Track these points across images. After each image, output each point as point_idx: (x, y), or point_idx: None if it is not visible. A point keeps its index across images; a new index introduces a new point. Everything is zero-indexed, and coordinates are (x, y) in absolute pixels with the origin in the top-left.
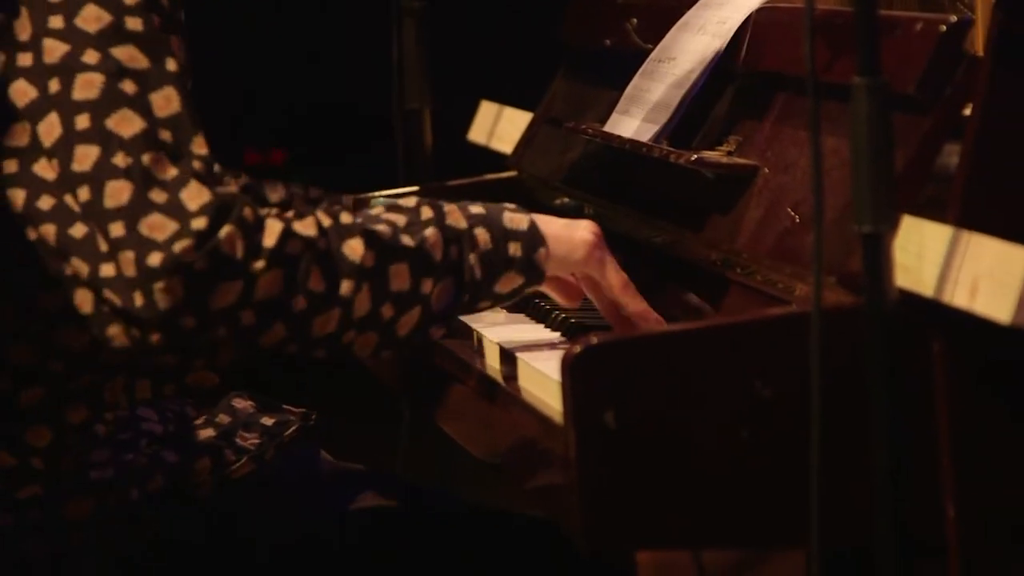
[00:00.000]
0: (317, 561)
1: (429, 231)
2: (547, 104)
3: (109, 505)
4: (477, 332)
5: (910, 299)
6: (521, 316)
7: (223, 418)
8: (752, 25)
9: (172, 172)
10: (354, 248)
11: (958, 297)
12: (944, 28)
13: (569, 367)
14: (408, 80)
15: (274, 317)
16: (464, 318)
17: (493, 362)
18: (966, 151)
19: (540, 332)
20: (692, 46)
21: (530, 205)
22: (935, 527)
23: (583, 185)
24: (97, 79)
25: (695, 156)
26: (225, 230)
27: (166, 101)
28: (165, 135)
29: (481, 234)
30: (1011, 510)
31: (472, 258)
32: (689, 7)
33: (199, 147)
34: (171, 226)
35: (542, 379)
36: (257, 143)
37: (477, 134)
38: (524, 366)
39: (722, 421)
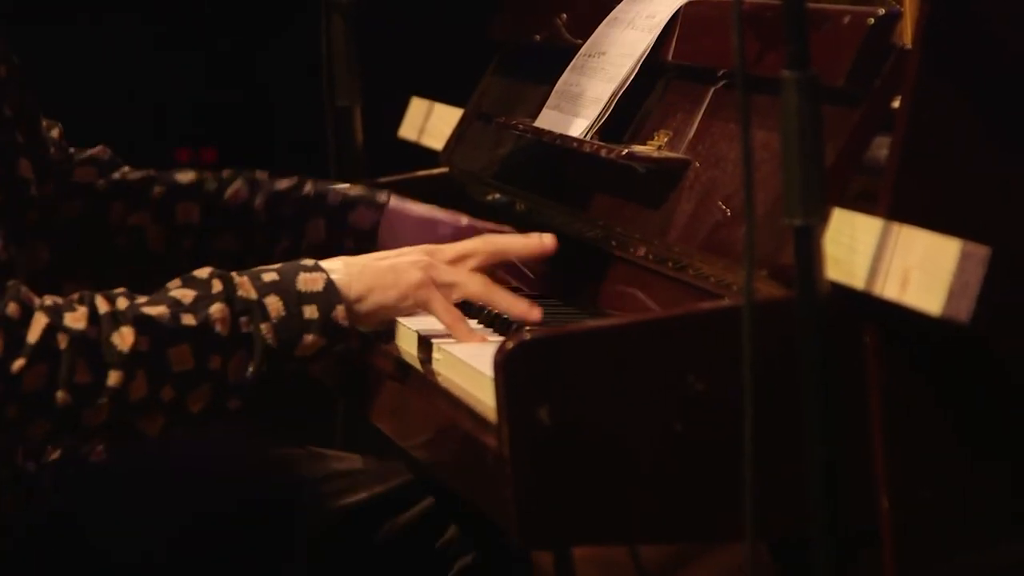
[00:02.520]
0: (199, 519)
1: (215, 307)
2: (478, 100)
3: (3, 477)
4: (407, 328)
5: (841, 291)
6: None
7: None
8: (681, 19)
9: None
10: (124, 336)
11: (889, 289)
12: (872, 20)
13: (502, 363)
14: (338, 77)
15: (38, 412)
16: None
17: (429, 359)
18: (896, 143)
19: (472, 327)
20: (622, 41)
21: (462, 201)
22: (869, 517)
23: (514, 181)
24: None
25: (626, 150)
26: None
27: None
28: None
29: (273, 302)
30: (943, 499)
31: (264, 327)
32: (618, 2)
33: None
34: None
35: (476, 375)
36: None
37: (408, 131)
38: (457, 362)
39: (656, 415)
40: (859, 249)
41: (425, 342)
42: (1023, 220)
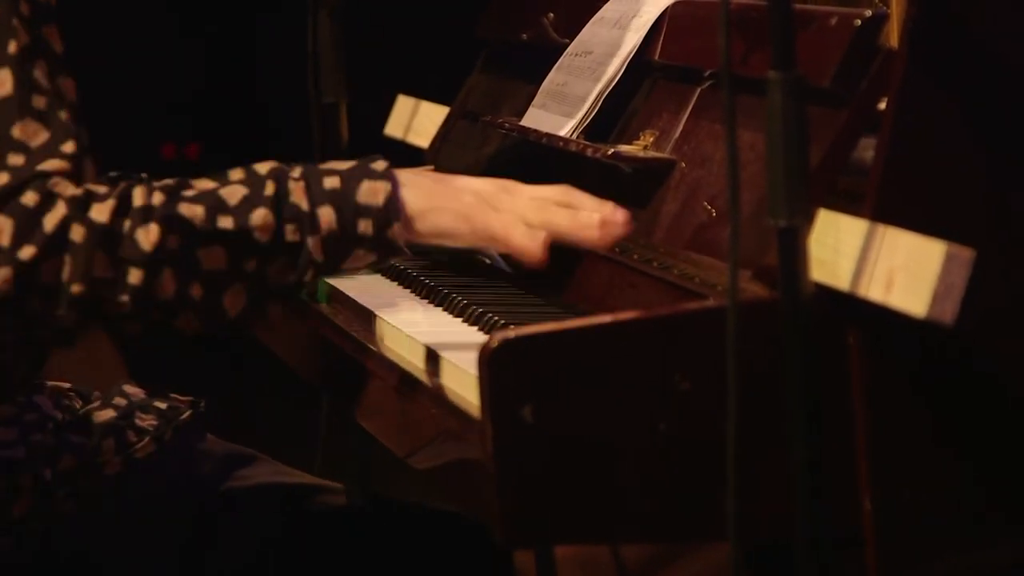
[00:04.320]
0: (216, 539)
1: (258, 213)
2: (464, 98)
3: (22, 485)
4: (393, 327)
5: (826, 292)
6: (438, 310)
7: (119, 400)
8: (668, 19)
9: None
10: (149, 234)
11: (874, 291)
12: (859, 22)
13: (487, 361)
14: (324, 74)
15: (56, 303)
16: (380, 313)
17: (412, 357)
18: (881, 145)
19: (457, 326)
20: (608, 40)
21: None
22: (852, 519)
23: (500, 179)
24: None
25: (612, 150)
26: None
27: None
28: None
29: (325, 214)
30: (926, 501)
31: (312, 241)
32: (605, 1)
33: (28, 136)
34: None
35: (459, 373)
36: (173, 137)
37: (394, 128)
38: (442, 360)
39: (640, 415)
40: (844, 250)
41: (417, 344)
42: (1007, 222)
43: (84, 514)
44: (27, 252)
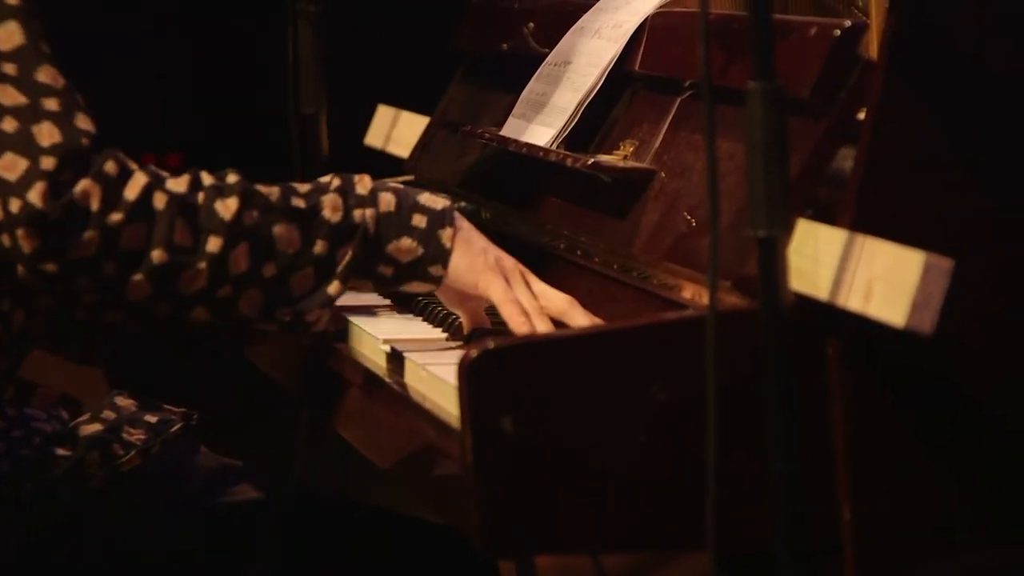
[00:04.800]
0: (198, 551)
1: (328, 196)
2: (444, 108)
3: (3, 497)
4: (372, 336)
5: (805, 302)
6: (417, 320)
7: (108, 414)
8: (648, 29)
9: (21, 100)
10: (228, 206)
11: (853, 300)
12: (838, 32)
13: (466, 371)
14: (303, 84)
15: (135, 268)
16: (358, 322)
17: (391, 367)
18: (860, 155)
19: (437, 336)
20: (588, 50)
21: None
22: (831, 529)
23: (480, 189)
24: None
25: (592, 160)
26: (82, 184)
27: (7, 35)
28: (8, 68)
29: (386, 197)
30: (905, 511)
31: (369, 214)
32: (585, 11)
33: (52, 79)
34: (21, 164)
35: (439, 384)
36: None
37: (374, 138)
38: (421, 371)
39: (620, 425)
40: (823, 260)
41: (395, 355)
42: (986, 232)
43: (68, 528)
44: (115, 217)
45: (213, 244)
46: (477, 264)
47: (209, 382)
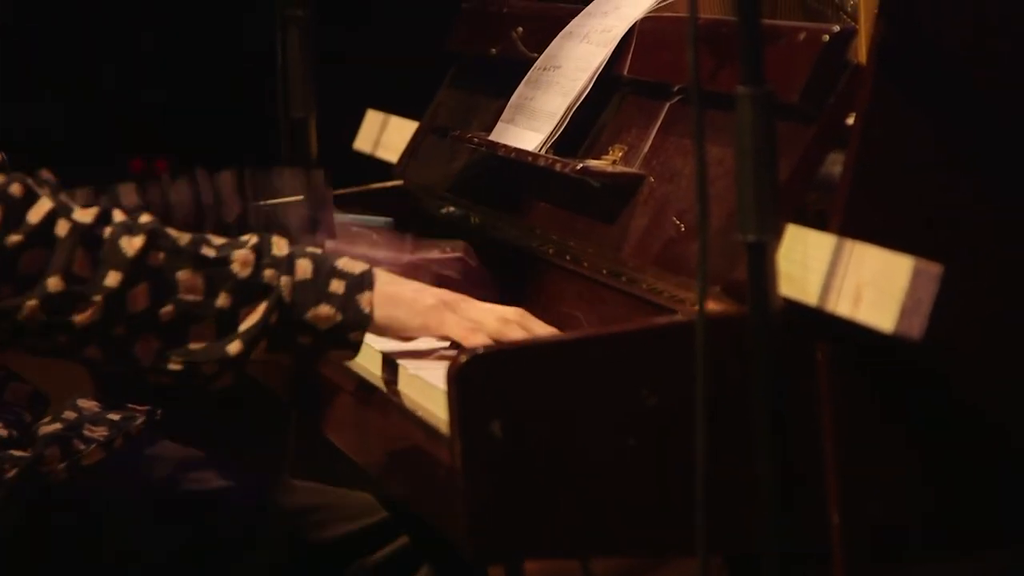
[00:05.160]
0: (167, 542)
1: (240, 252)
2: (433, 113)
3: None
4: (366, 343)
5: (794, 308)
6: None
7: (69, 414)
8: (636, 34)
9: None
10: (133, 243)
11: (842, 306)
12: (827, 37)
13: (455, 377)
14: (293, 89)
15: (31, 292)
16: None
17: (378, 371)
18: (849, 160)
19: (427, 341)
20: (577, 55)
21: (416, 214)
22: (820, 534)
23: (469, 194)
24: None
25: (580, 165)
26: None
27: None
28: None
29: (303, 264)
30: (894, 516)
31: (284, 280)
32: (574, 16)
33: None
34: None
35: (428, 388)
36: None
37: (363, 143)
38: (409, 375)
39: (609, 430)
40: (812, 266)
41: (388, 361)
42: (975, 237)
43: (32, 522)
44: (13, 239)
45: (112, 279)
46: (417, 308)
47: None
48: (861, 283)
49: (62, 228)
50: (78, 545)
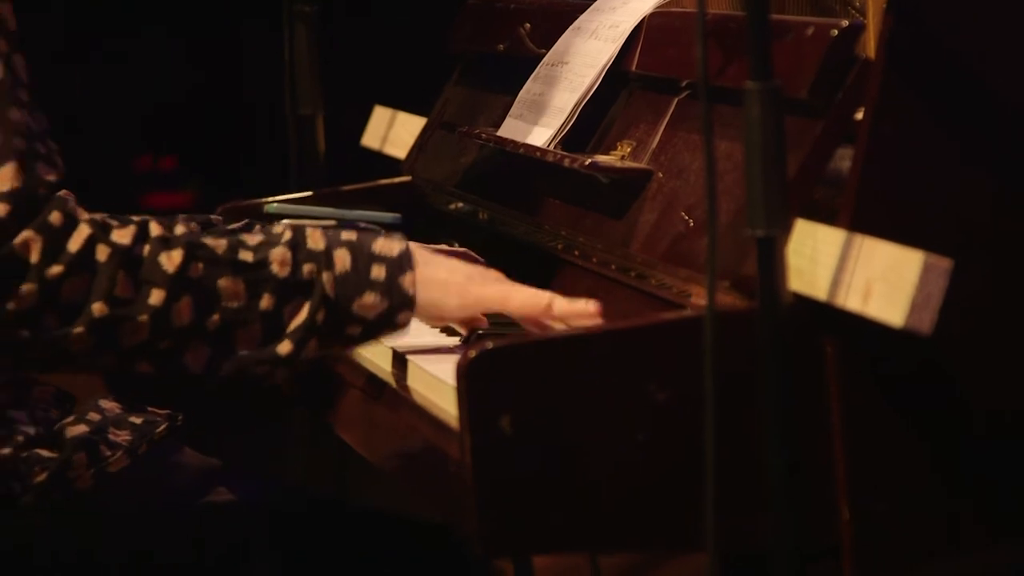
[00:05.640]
0: (186, 551)
1: (277, 250)
2: (440, 109)
3: None
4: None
5: (804, 302)
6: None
7: (93, 416)
8: (645, 30)
9: None
10: (172, 258)
11: (851, 300)
12: (836, 32)
13: (465, 372)
14: (300, 85)
15: (76, 321)
16: None
17: (388, 366)
18: (858, 155)
19: (436, 336)
20: (585, 50)
21: (424, 210)
22: (829, 529)
23: (477, 190)
24: None
25: (589, 160)
26: (23, 235)
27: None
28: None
29: (341, 255)
30: (903, 510)
31: (326, 276)
32: (581, 12)
33: (23, 119)
34: None
35: (438, 384)
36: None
37: (370, 139)
38: (419, 371)
39: (618, 425)
40: (821, 260)
41: (398, 357)
42: (985, 232)
43: (57, 529)
44: (55, 270)
45: (156, 297)
46: (452, 288)
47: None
48: (871, 278)
49: (102, 253)
50: (100, 553)
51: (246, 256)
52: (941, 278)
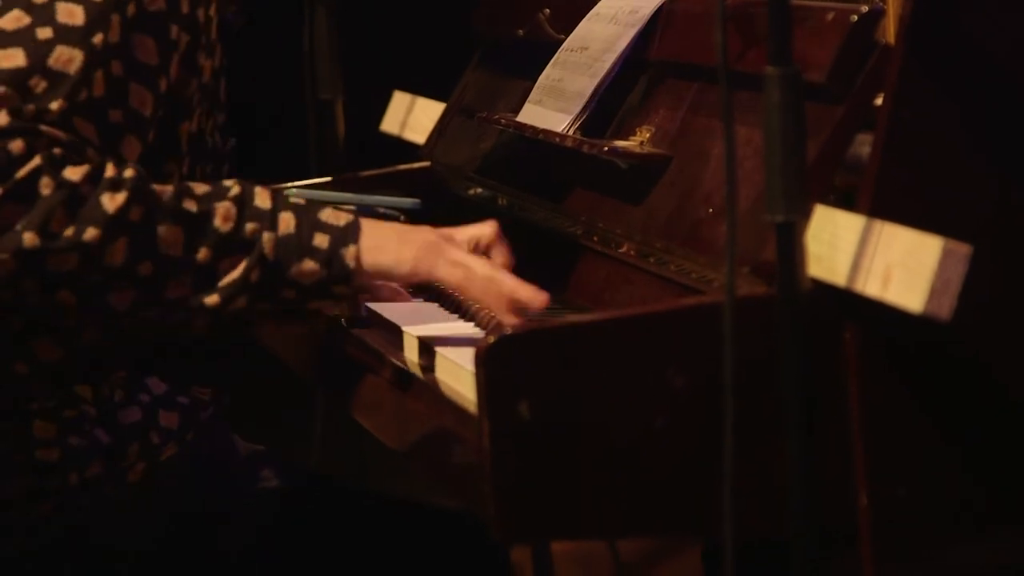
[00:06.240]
0: (232, 538)
1: (223, 204)
2: (460, 94)
3: (48, 488)
4: (390, 322)
5: (823, 288)
6: (435, 306)
7: (144, 397)
8: (664, 15)
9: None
10: (115, 199)
11: (871, 286)
12: (855, 18)
13: (483, 358)
14: (320, 70)
15: (4, 246)
16: (375, 307)
17: (409, 354)
18: (878, 141)
19: (455, 323)
20: (604, 36)
21: (443, 195)
22: (848, 515)
23: (496, 175)
24: (23, 17)
25: (608, 146)
26: None
27: (68, 59)
28: (38, 83)
29: (286, 218)
30: (921, 497)
31: (267, 236)
32: None
33: (57, 105)
34: None
35: (457, 370)
36: None
37: (390, 124)
38: (439, 357)
39: (636, 411)
40: (841, 246)
41: (423, 345)
42: (1004, 218)
43: (108, 517)
44: None
45: (90, 234)
46: (404, 255)
47: (229, 367)
48: (890, 263)
49: (46, 186)
50: (151, 541)
51: (190, 206)
52: (960, 264)
